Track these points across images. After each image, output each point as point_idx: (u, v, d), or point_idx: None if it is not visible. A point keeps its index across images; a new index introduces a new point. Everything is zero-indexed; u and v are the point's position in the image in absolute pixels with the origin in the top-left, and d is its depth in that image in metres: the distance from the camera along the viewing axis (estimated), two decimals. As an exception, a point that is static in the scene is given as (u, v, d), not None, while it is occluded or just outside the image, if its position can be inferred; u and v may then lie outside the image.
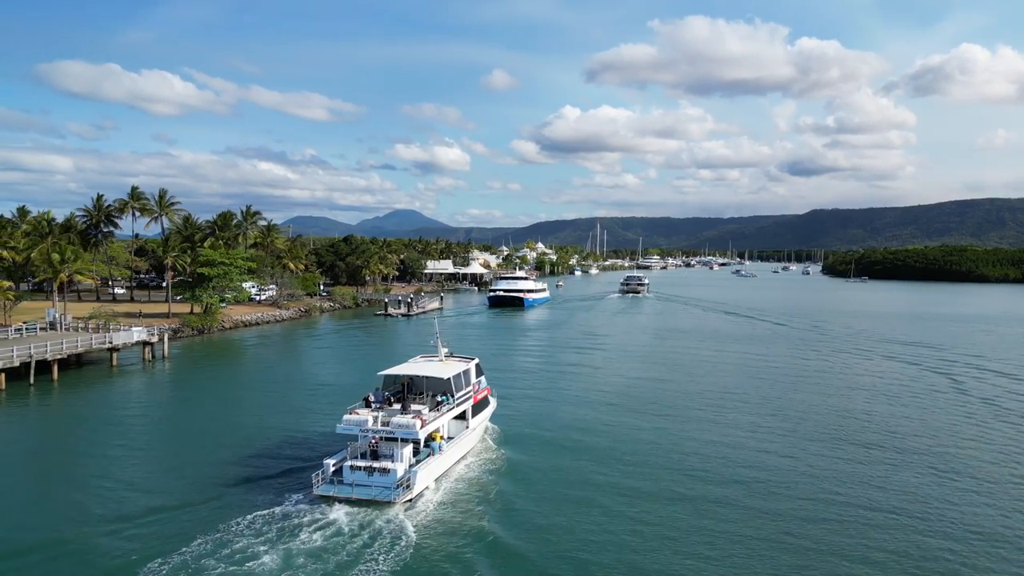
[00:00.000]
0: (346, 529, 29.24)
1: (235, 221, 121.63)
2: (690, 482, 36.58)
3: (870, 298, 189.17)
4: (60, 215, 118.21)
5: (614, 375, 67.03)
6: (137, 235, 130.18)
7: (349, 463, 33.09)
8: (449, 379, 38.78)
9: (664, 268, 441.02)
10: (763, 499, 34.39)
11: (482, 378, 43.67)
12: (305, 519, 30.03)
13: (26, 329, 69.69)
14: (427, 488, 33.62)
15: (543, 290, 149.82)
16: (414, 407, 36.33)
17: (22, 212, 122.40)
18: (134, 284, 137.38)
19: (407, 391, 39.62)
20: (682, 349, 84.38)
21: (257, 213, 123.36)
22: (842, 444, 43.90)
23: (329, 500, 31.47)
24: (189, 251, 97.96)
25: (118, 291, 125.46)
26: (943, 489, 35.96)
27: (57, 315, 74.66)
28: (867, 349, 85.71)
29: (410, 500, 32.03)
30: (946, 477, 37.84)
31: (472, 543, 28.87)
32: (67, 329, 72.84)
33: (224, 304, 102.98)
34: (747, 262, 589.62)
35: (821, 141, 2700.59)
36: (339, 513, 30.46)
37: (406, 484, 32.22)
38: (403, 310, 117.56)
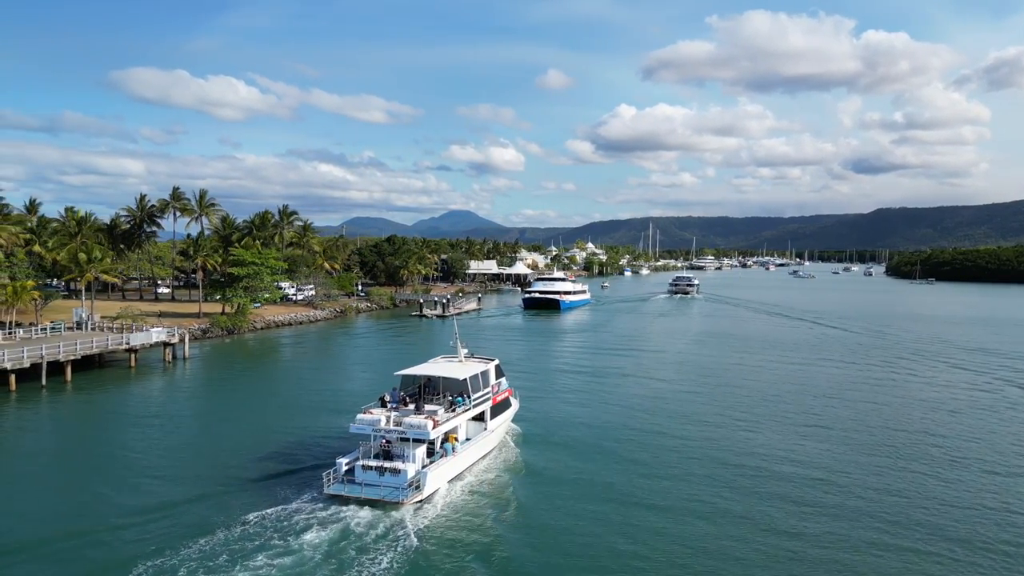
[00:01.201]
0: (351, 529, 29.17)
1: (273, 221, 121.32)
2: (718, 498, 33.65)
3: (935, 301, 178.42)
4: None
5: (645, 381, 63.16)
6: (189, 235, 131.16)
7: (361, 463, 33.11)
8: (466, 380, 38.14)
9: (719, 269, 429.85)
10: (799, 519, 31.23)
11: (503, 379, 42.76)
12: (313, 517, 30.01)
13: (51, 329, 69.65)
14: (439, 490, 33.14)
15: (583, 292, 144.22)
16: (429, 408, 35.92)
17: (69, 213, 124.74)
18: (180, 283, 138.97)
19: (424, 391, 39.11)
20: (723, 355, 79.45)
21: (294, 213, 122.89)
22: (896, 464, 39.19)
23: (339, 499, 31.55)
24: (221, 251, 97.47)
25: (163, 290, 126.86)
26: (1009, 524, 31.04)
27: (84, 315, 74.54)
28: (931, 357, 79.08)
29: (420, 501, 31.72)
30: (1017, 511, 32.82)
31: (477, 548, 28.15)
32: (93, 329, 72.63)
33: (259, 304, 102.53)
34: (806, 262, 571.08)
35: (888, 137, 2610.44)
36: (347, 513, 30.46)
37: (416, 485, 32.08)
38: (438, 311, 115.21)
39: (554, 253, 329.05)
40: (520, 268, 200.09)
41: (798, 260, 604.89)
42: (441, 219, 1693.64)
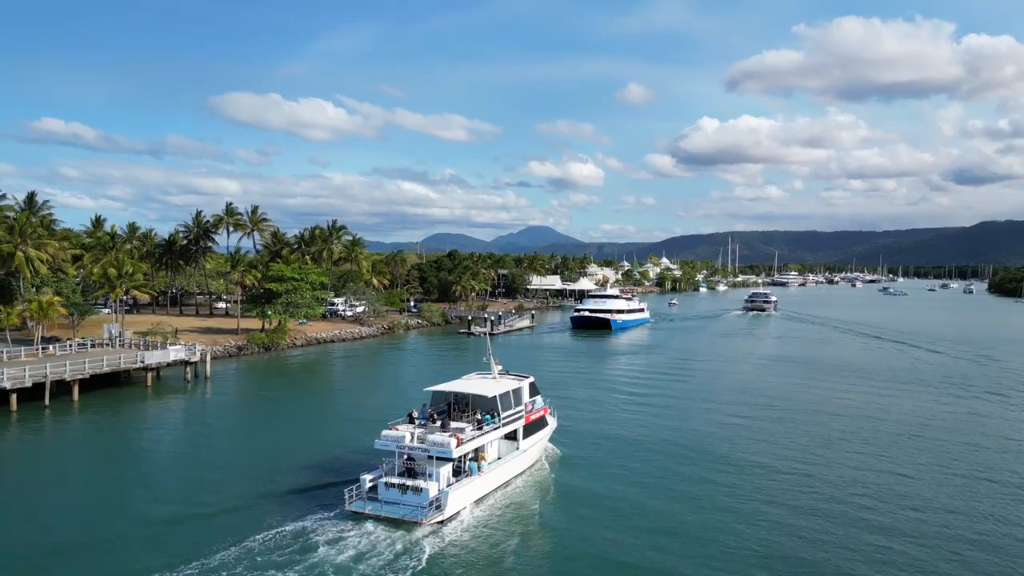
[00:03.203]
0: (365, 548, 28.63)
1: (323, 236, 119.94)
2: (765, 546, 29.91)
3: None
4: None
5: (695, 408, 57.22)
6: (258, 250, 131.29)
7: (384, 480, 32.64)
8: (495, 397, 36.96)
9: (803, 285, 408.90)
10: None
11: (537, 397, 41.40)
12: (329, 535, 29.65)
13: (78, 345, 68.71)
14: (463, 510, 32.26)
15: (639, 310, 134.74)
16: (455, 425, 35.10)
17: (132, 229, 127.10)
18: (240, 299, 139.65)
19: (453, 408, 38.26)
20: (789, 380, 71.28)
21: (343, 228, 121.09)
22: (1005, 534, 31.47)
23: (360, 517, 31.12)
24: (260, 266, 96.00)
25: (220, 305, 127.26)
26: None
27: (114, 331, 73.54)
28: (1028, 388, 68.50)
29: (441, 521, 30.97)
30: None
31: (491, 573, 27.15)
32: (122, 345, 71.40)
33: (303, 321, 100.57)
34: (900, 278, 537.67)
35: (993, 146, 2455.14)
36: (365, 531, 30.04)
37: (438, 505, 31.34)
38: (487, 329, 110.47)
39: (626, 268, 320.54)
40: (584, 284, 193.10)
41: (890, 276, 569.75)
42: (520, 235, 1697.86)
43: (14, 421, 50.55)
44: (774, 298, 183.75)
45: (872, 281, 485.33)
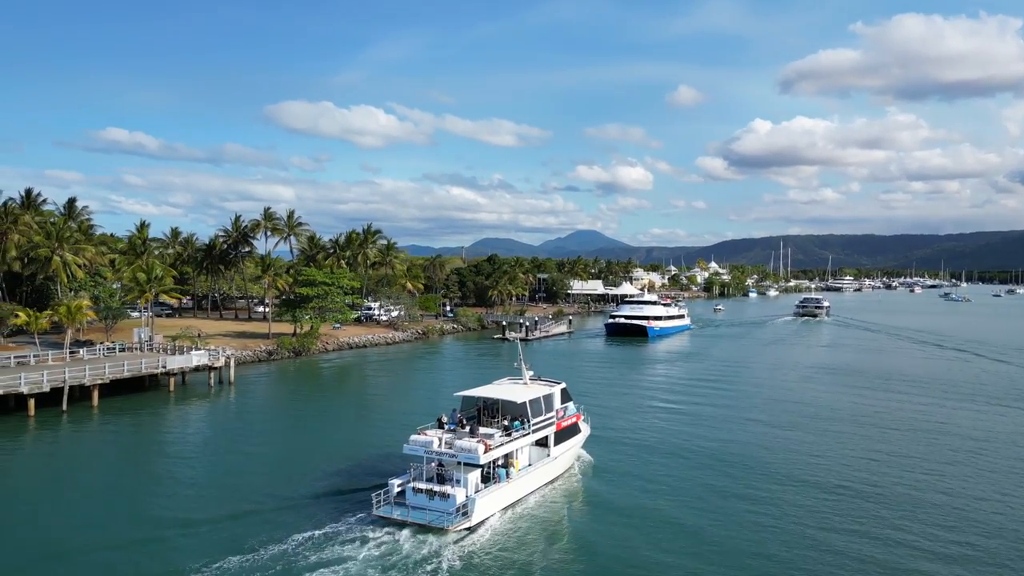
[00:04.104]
0: (391, 553, 28.41)
1: (359, 241, 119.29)
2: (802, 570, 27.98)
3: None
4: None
5: (732, 422, 53.91)
6: (294, 254, 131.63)
7: (412, 485, 32.38)
8: (525, 403, 36.29)
9: (858, 290, 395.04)
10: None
11: (570, 404, 40.65)
12: (356, 539, 29.59)
13: (107, 349, 68.73)
14: (490, 518, 31.84)
15: (679, 316, 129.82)
16: (484, 431, 34.51)
17: (174, 233, 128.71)
18: (271, 303, 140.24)
19: (483, 414, 37.84)
20: (836, 393, 66.83)
21: (378, 232, 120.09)
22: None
23: (387, 522, 30.90)
24: (292, 270, 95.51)
25: (260, 309, 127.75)
26: None
27: (143, 335, 73.51)
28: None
29: (468, 528, 30.55)
30: None
31: None
32: (151, 349, 71.25)
33: (338, 325, 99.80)
34: (963, 283, 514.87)
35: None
36: (390, 536, 29.80)
37: (464, 511, 31.04)
38: (521, 334, 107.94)
39: (673, 273, 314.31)
40: (627, 289, 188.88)
41: (953, 281, 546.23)
42: (568, 239, 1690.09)
43: (32, 426, 50.25)
44: (826, 303, 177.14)
45: (933, 286, 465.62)
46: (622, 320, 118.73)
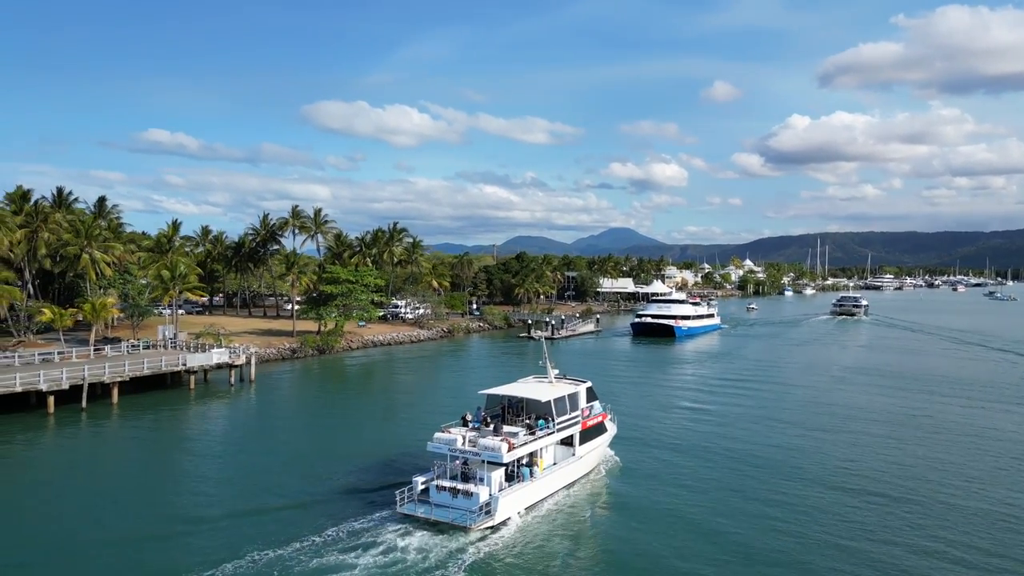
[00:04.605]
0: (413, 551, 28.42)
1: (385, 239, 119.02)
2: None
3: None
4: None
5: (761, 424, 52.22)
6: (321, 252, 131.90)
7: (436, 483, 32.45)
8: (549, 402, 36.01)
9: (899, 288, 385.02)
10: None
11: (595, 403, 40.26)
12: (378, 537, 29.63)
13: (130, 347, 69.10)
14: (513, 517, 31.73)
15: (708, 316, 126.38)
16: (508, 429, 34.39)
17: (204, 232, 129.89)
18: (296, 301, 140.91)
19: (507, 412, 37.52)
20: (872, 396, 64.33)
21: (404, 230, 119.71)
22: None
23: (410, 519, 31.00)
24: (316, 268, 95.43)
25: (289, 307, 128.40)
26: None
27: (168, 332, 73.80)
28: None
29: (491, 527, 30.53)
30: None
31: None
32: (174, 347, 71.49)
33: (363, 323, 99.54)
34: (1009, 282, 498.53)
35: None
36: (413, 534, 29.86)
37: (487, 510, 30.93)
38: (547, 333, 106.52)
39: (706, 271, 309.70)
40: (658, 287, 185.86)
41: (998, 280, 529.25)
42: (600, 237, 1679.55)
43: (51, 423, 50.48)
44: (865, 302, 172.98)
45: (977, 285, 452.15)
46: (649, 319, 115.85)
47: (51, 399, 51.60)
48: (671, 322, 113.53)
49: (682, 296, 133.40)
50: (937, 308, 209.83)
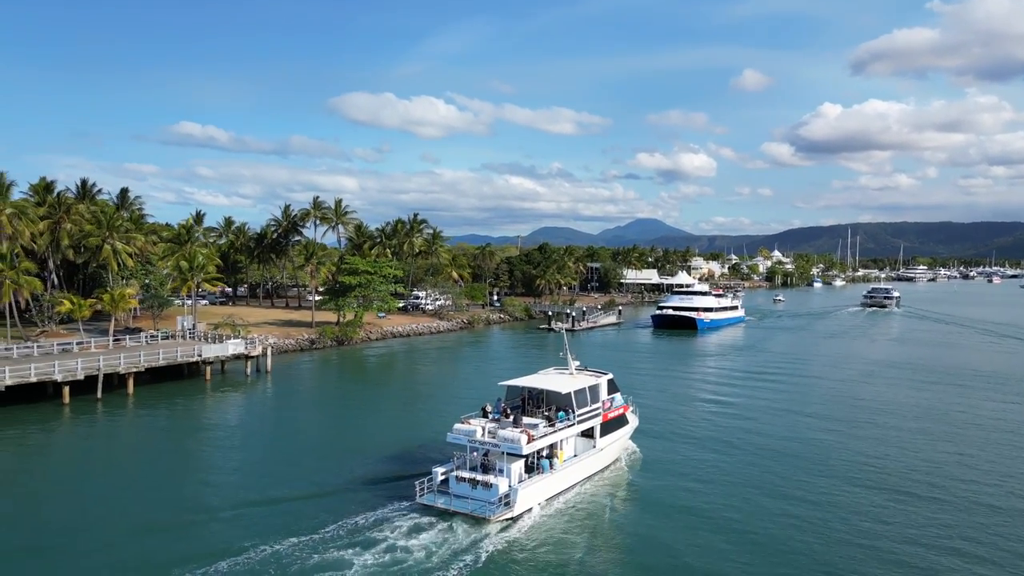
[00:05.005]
0: (431, 541, 28.38)
1: (405, 230, 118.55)
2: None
3: None
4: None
5: (784, 419, 51.03)
6: (342, 243, 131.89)
7: (456, 474, 32.36)
8: (569, 393, 35.91)
9: (932, 280, 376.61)
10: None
11: (616, 395, 39.94)
12: (397, 527, 29.59)
13: (149, 337, 69.39)
14: (532, 509, 31.58)
15: (732, 308, 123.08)
16: (528, 421, 34.24)
17: (227, 223, 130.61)
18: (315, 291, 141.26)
19: (527, 404, 37.48)
20: (898, 390, 62.36)
21: (423, 222, 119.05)
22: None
23: (429, 510, 31.00)
24: (336, 259, 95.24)
25: (311, 297, 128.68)
26: None
27: (186, 323, 74.03)
28: None
29: (510, 519, 30.41)
30: None
31: None
32: (193, 337, 71.65)
33: (383, 315, 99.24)
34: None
35: None
36: (432, 525, 29.85)
37: (507, 502, 30.74)
38: (567, 324, 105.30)
39: (733, 262, 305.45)
40: (683, 278, 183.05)
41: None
42: (627, 228, 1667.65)
43: (66, 413, 50.65)
44: (896, 294, 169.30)
45: (1014, 276, 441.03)
46: (670, 312, 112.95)
47: (66, 389, 51.75)
48: (693, 314, 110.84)
49: (705, 287, 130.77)
50: (971, 300, 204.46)
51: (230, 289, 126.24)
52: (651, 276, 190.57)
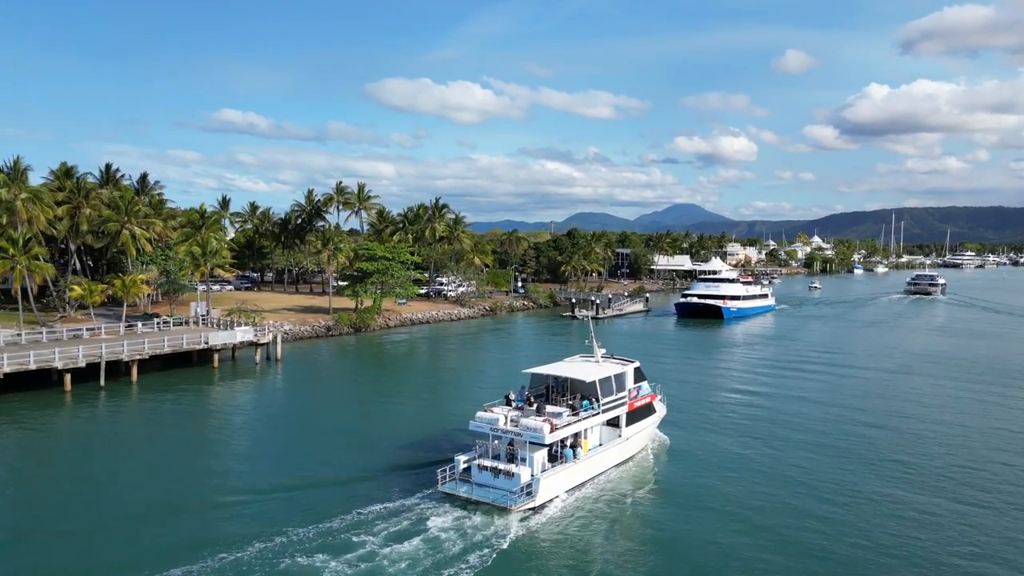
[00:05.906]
0: (452, 530, 28.09)
1: (427, 215, 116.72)
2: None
3: None
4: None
5: (815, 414, 48.53)
6: (364, 228, 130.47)
7: (478, 462, 31.93)
8: (594, 382, 35.19)
9: (980, 267, 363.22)
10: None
11: (643, 383, 39.12)
12: (418, 515, 29.40)
13: (161, 323, 68.70)
14: (555, 499, 31.13)
15: (762, 296, 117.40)
16: (552, 409, 33.53)
17: (252, 208, 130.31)
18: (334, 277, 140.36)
19: (552, 392, 36.81)
20: (937, 383, 58.67)
21: (445, 207, 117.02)
22: None
23: (451, 498, 30.74)
24: (354, 244, 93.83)
25: (335, 283, 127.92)
26: None
27: (200, 309, 73.24)
28: None
29: (532, 509, 29.92)
30: None
31: (576, 569, 25.67)
32: (206, 324, 70.81)
33: (403, 301, 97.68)
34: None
35: None
36: (454, 513, 29.60)
37: (528, 491, 30.33)
38: (591, 312, 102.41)
39: (771, 248, 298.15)
40: (716, 264, 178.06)
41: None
42: (664, 213, 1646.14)
43: (68, 401, 49.87)
44: (942, 281, 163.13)
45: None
46: (695, 300, 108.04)
47: (67, 377, 50.95)
48: (719, 303, 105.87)
49: (733, 275, 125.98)
50: (1021, 287, 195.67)
51: (256, 275, 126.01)
52: (683, 262, 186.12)
